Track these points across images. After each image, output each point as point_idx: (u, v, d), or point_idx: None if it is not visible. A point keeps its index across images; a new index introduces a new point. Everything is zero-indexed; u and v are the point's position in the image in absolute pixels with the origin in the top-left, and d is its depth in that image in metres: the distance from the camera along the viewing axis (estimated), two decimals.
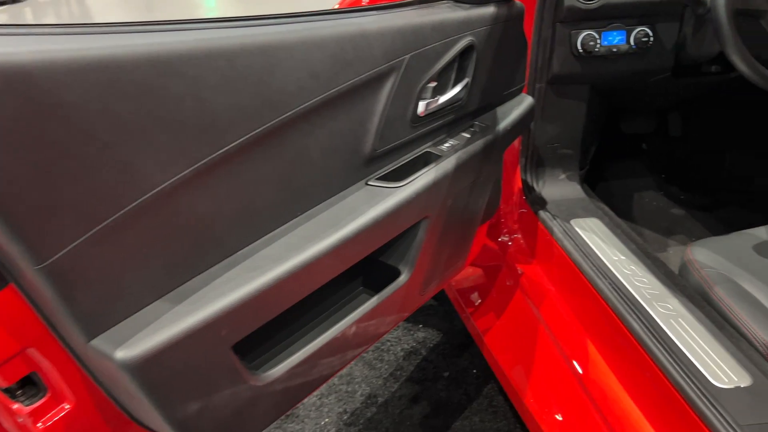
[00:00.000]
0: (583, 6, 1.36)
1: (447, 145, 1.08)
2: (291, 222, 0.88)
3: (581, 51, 1.40)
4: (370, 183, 0.98)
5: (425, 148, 1.07)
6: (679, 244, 1.80)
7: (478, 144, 1.11)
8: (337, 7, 1.52)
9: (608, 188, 2.06)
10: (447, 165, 1.04)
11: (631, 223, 1.89)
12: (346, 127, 0.92)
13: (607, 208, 1.51)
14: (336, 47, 0.86)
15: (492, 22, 1.11)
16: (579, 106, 1.54)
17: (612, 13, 1.39)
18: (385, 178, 0.99)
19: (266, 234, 0.86)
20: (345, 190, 0.95)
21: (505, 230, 1.60)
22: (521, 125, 1.25)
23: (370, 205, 0.92)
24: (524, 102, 1.26)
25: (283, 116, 0.80)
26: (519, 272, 1.52)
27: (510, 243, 1.59)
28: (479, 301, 1.60)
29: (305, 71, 0.82)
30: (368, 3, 1.61)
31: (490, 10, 1.11)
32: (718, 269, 1.22)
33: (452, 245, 1.18)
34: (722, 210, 1.92)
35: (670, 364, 1.04)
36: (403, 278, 1.04)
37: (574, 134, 1.58)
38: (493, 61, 1.15)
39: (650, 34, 1.41)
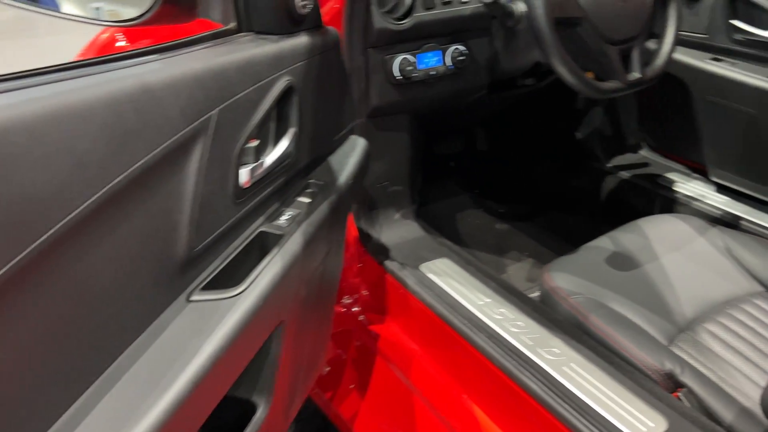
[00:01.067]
0: (394, 27, 1.19)
1: (285, 218, 0.82)
2: (82, 398, 0.55)
3: (400, 77, 1.23)
4: (193, 298, 0.68)
5: (259, 227, 0.80)
6: (519, 262, 1.75)
7: (323, 208, 0.87)
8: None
9: (429, 213, 1.96)
10: (293, 246, 0.78)
11: (466, 247, 1.80)
12: (144, 226, 0.61)
13: (450, 243, 1.37)
14: (109, 114, 0.56)
15: (308, 54, 0.88)
16: (402, 137, 1.39)
17: (425, 33, 1.25)
18: (213, 285, 0.70)
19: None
20: (158, 317, 0.64)
21: (347, 288, 1.38)
22: (361, 173, 1.04)
23: (200, 335, 0.62)
24: (358, 145, 1.05)
25: (38, 241, 0.48)
26: (374, 335, 1.30)
27: (356, 303, 1.37)
28: (337, 381, 1.35)
29: (65, 161, 0.51)
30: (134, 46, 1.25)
31: (302, 40, 0.88)
32: (585, 294, 1.13)
33: (313, 340, 0.92)
34: (542, 217, 1.92)
35: (580, 422, 0.90)
36: (260, 414, 0.75)
37: (401, 169, 1.42)
38: (318, 102, 0.92)
39: (465, 51, 1.30)
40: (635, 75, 1.23)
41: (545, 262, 1.72)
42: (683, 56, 1.53)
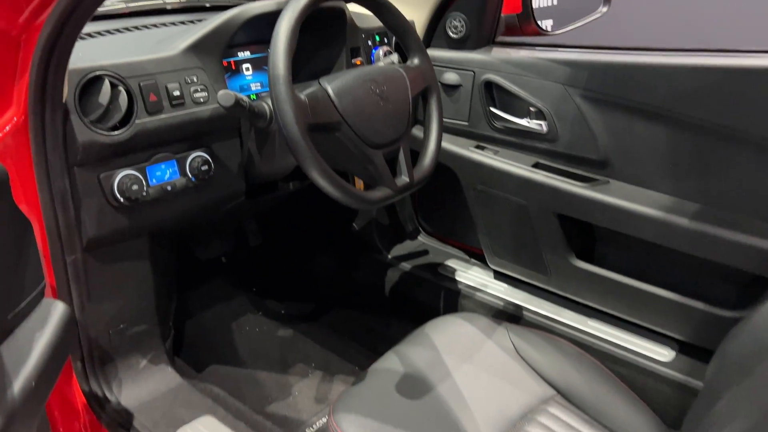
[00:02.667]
0: (106, 139, 0.93)
1: None
2: None
3: (122, 200, 0.96)
4: None
5: None
6: (306, 378, 1.53)
7: None
8: None
9: (196, 327, 1.67)
10: None
11: (244, 368, 1.54)
12: None
13: (217, 389, 1.11)
14: None
15: None
16: (141, 264, 1.11)
17: (153, 141, 1.00)
18: None
19: None
20: None
21: None
22: (63, 347, 0.74)
23: None
24: (55, 310, 0.75)
25: None
26: None
27: None
28: None
29: None
30: None
31: None
32: None
33: None
34: (326, 316, 1.74)
35: None
36: None
37: (143, 303, 1.13)
38: None
39: (209, 159, 1.07)
40: (404, 179, 1.11)
41: (334, 374, 1.53)
42: (449, 144, 1.48)
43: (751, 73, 1.06)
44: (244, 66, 1.23)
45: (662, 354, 1.26)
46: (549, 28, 1.54)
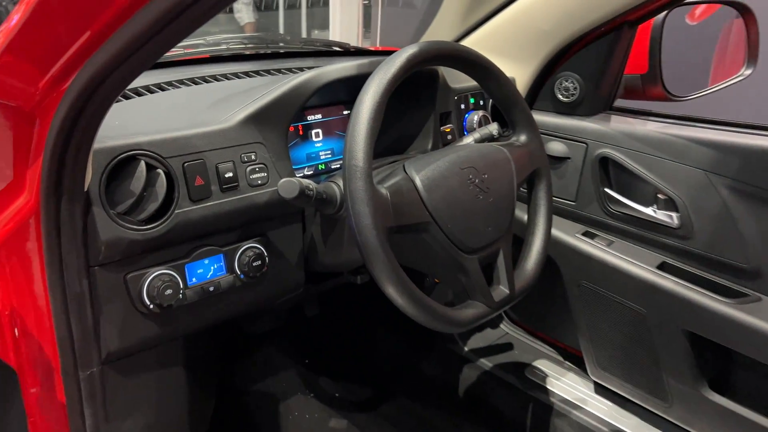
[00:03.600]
0: (136, 235, 0.74)
1: None
2: None
3: (152, 306, 0.77)
4: None
5: None
6: None
7: None
8: None
9: (239, 404, 1.47)
10: None
11: None
12: None
13: None
14: None
15: None
16: (172, 372, 0.91)
17: (195, 234, 0.80)
18: None
19: None
20: None
21: None
22: None
23: None
24: None
25: None
26: None
27: None
28: None
29: None
30: None
31: None
32: None
33: None
34: (387, 405, 1.51)
35: None
36: None
37: (175, 416, 0.93)
38: None
39: (263, 251, 0.87)
40: (502, 290, 0.87)
41: None
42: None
43: None
44: (314, 132, 1.03)
45: None
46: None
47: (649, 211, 1.12)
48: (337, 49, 1.35)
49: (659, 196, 1.10)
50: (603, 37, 1.14)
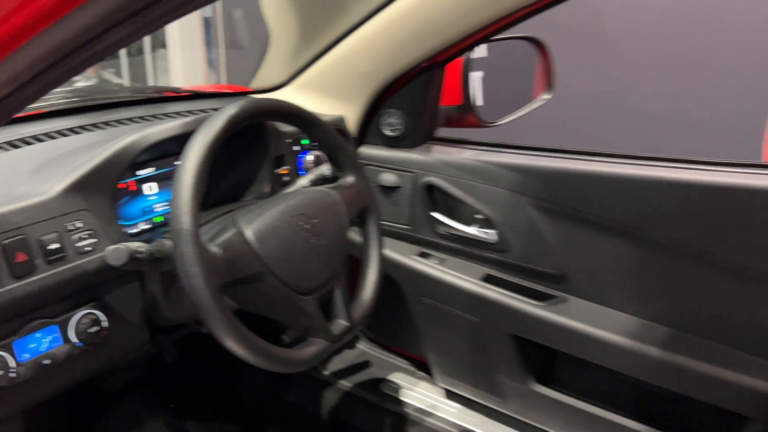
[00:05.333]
0: None
1: None
2: None
3: None
4: None
5: None
6: None
7: None
8: None
9: None
10: None
11: None
12: None
13: None
14: None
15: None
16: None
17: (22, 310, 0.79)
18: None
19: None
20: None
21: None
22: None
23: None
24: None
25: None
26: None
27: None
28: None
29: None
30: None
31: None
32: None
33: None
34: None
35: None
36: None
37: None
38: None
39: (99, 316, 0.87)
40: (342, 324, 0.94)
41: None
42: (389, 251, 1.32)
43: (730, 191, 0.97)
44: (147, 186, 1.04)
45: None
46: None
47: (471, 230, 1.24)
48: (169, 94, 1.35)
49: (478, 216, 1.23)
50: (418, 76, 1.25)
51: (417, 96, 1.27)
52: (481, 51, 1.45)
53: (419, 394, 1.40)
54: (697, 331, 1.05)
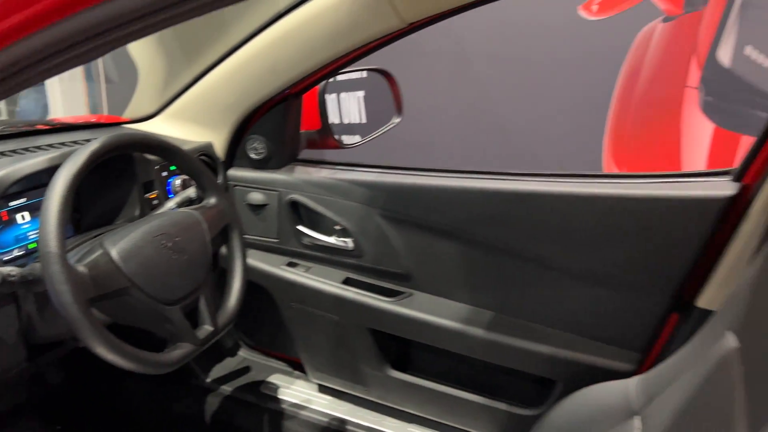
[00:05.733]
0: None
1: None
2: None
3: None
4: None
5: None
6: None
7: None
8: None
9: None
10: None
11: None
12: None
13: None
14: None
15: None
16: None
17: None
18: None
19: None
20: None
21: None
22: None
23: None
24: None
25: None
26: None
27: None
28: None
29: None
30: None
31: None
32: None
33: None
34: None
35: None
36: None
37: None
38: None
39: None
40: (207, 329, 1.07)
41: None
42: (260, 262, 1.46)
43: (521, 196, 1.19)
44: (20, 215, 1.12)
45: None
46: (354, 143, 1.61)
47: (331, 240, 1.41)
48: (41, 127, 1.42)
49: (336, 227, 1.40)
50: (277, 105, 1.40)
51: (277, 123, 1.43)
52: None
53: (295, 391, 1.54)
54: (513, 312, 1.27)
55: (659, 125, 2.65)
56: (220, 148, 1.46)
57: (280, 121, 1.43)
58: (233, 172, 1.48)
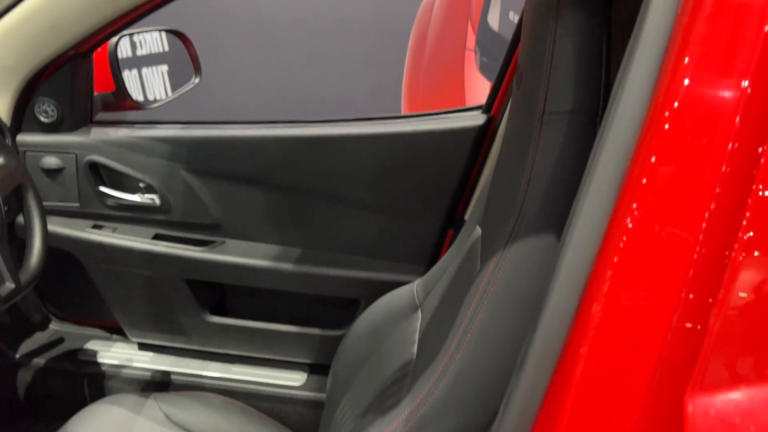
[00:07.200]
0: None
1: None
2: None
3: None
4: None
5: None
6: None
7: None
8: None
9: None
10: None
11: None
12: None
13: None
14: None
15: None
16: None
17: None
18: None
19: None
20: None
21: None
22: None
23: None
24: None
25: None
26: None
27: None
28: None
29: None
30: None
31: None
32: None
33: None
34: None
35: None
36: None
37: None
38: None
39: None
40: (8, 286, 1.06)
41: None
42: (63, 228, 1.44)
43: (312, 140, 1.33)
44: None
45: (296, 379, 1.47)
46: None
47: (137, 198, 1.43)
48: None
49: (141, 185, 1.43)
50: (63, 66, 1.38)
51: (66, 84, 1.40)
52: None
53: (114, 353, 1.55)
54: (317, 246, 1.41)
55: (447, 85, 2.96)
56: (4, 112, 1.39)
57: (70, 83, 1.41)
58: (22, 138, 1.43)
